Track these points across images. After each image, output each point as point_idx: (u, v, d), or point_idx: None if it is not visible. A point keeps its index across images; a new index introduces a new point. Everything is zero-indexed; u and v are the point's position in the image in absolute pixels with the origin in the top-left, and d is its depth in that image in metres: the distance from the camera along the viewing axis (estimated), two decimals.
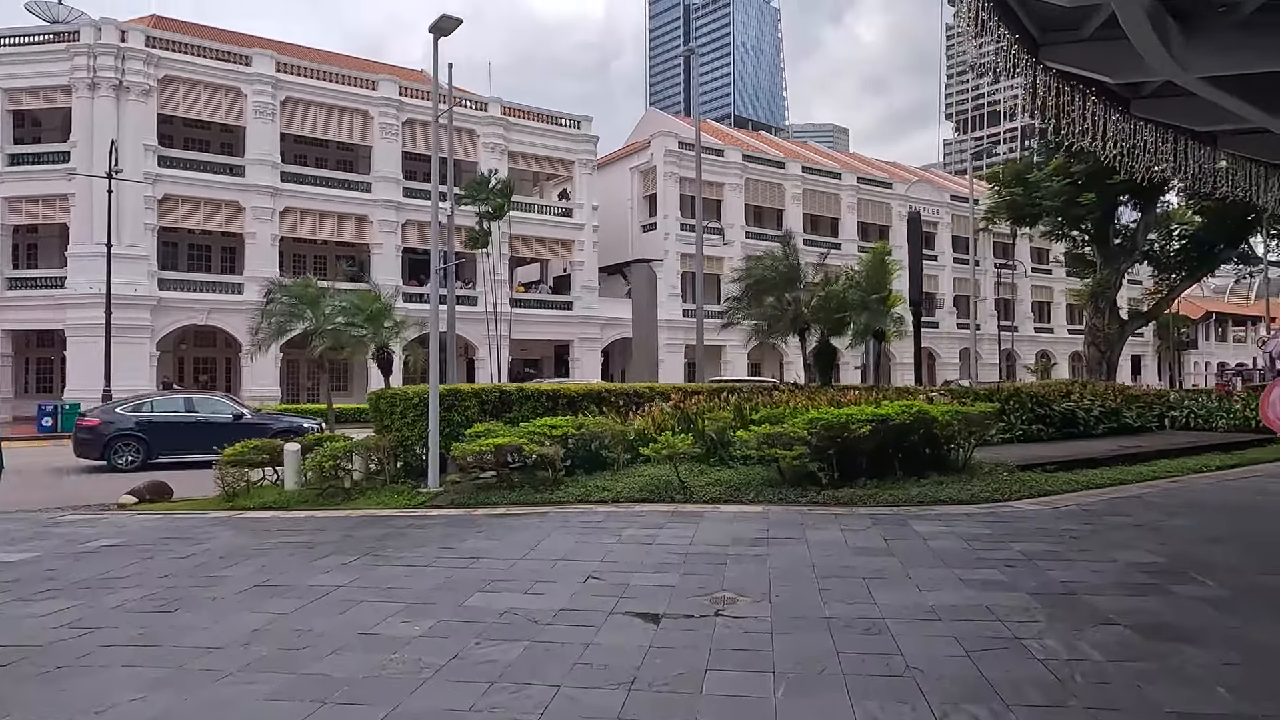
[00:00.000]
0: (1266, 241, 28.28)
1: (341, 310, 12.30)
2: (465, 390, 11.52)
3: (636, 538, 7.62)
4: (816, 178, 49.29)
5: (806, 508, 9.08)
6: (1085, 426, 15.97)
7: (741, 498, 9.53)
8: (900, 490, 9.70)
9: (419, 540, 7.77)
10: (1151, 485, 10.89)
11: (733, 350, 43.57)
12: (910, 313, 17.17)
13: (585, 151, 40.66)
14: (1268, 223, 20.35)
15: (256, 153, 32.41)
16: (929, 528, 7.89)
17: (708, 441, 10.99)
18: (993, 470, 11.06)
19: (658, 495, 9.71)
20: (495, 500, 9.87)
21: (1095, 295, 20.35)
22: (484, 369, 36.84)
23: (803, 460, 9.59)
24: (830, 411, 10.04)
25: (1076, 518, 8.48)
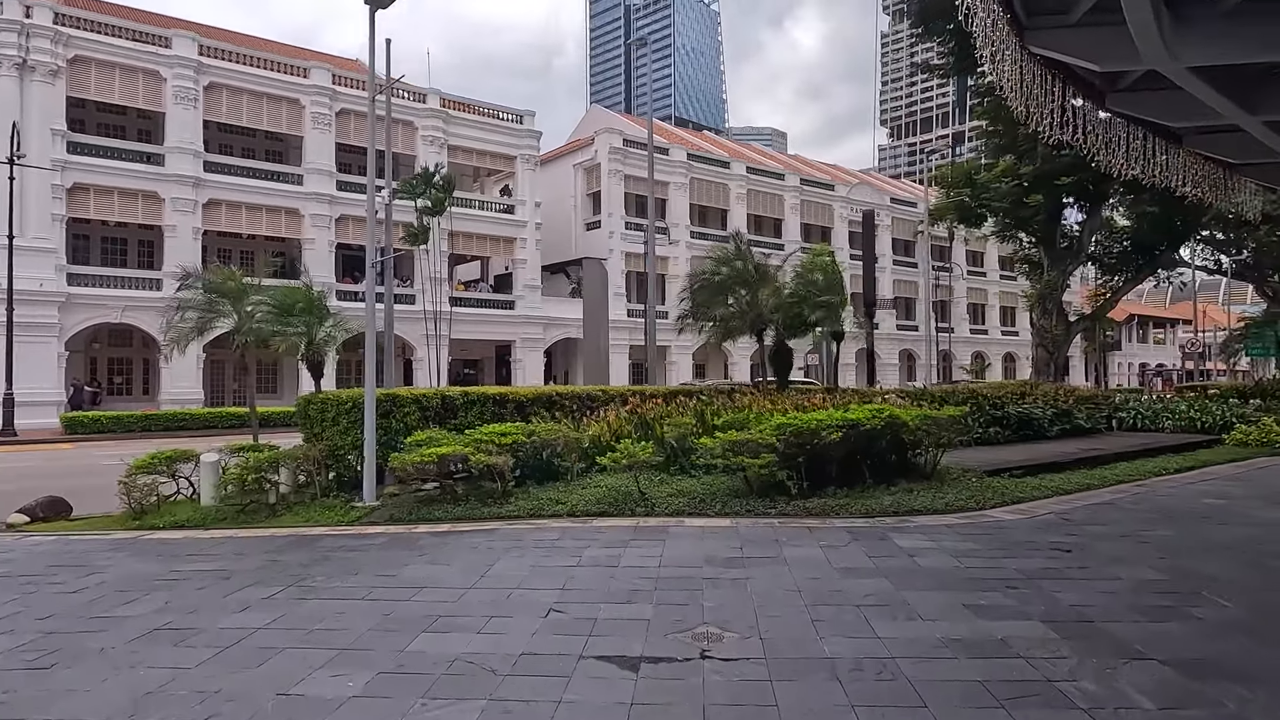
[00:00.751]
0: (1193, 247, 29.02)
1: (267, 306, 11.19)
2: (404, 395, 10.60)
3: (599, 559, 6.88)
4: (761, 178, 49.23)
5: (777, 520, 8.48)
6: (1040, 428, 15.85)
7: (707, 510, 8.88)
8: (872, 499, 9.20)
9: (352, 566, 6.88)
10: (1118, 490, 10.64)
11: (678, 351, 43.14)
12: (865, 313, 16.84)
13: (528, 147, 39.66)
14: (1209, 225, 20.75)
15: (177, 141, 30.51)
16: (912, 542, 7.36)
17: (668, 449, 10.32)
18: (961, 476, 10.69)
19: (617, 508, 8.99)
20: (438, 515, 9.00)
21: (1043, 297, 20.46)
22: (422, 370, 35.52)
23: (771, 469, 9.00)
24: (799, 417, 9.47)
25: (1059, 528, 8.07)
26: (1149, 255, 22.07)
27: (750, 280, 14.35)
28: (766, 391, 13.31)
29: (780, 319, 14.51)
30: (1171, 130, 9.93)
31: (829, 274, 14.93)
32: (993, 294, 63.94)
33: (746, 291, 14.32)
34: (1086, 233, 20.63)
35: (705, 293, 14.96)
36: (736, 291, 14.48)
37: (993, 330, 63.85)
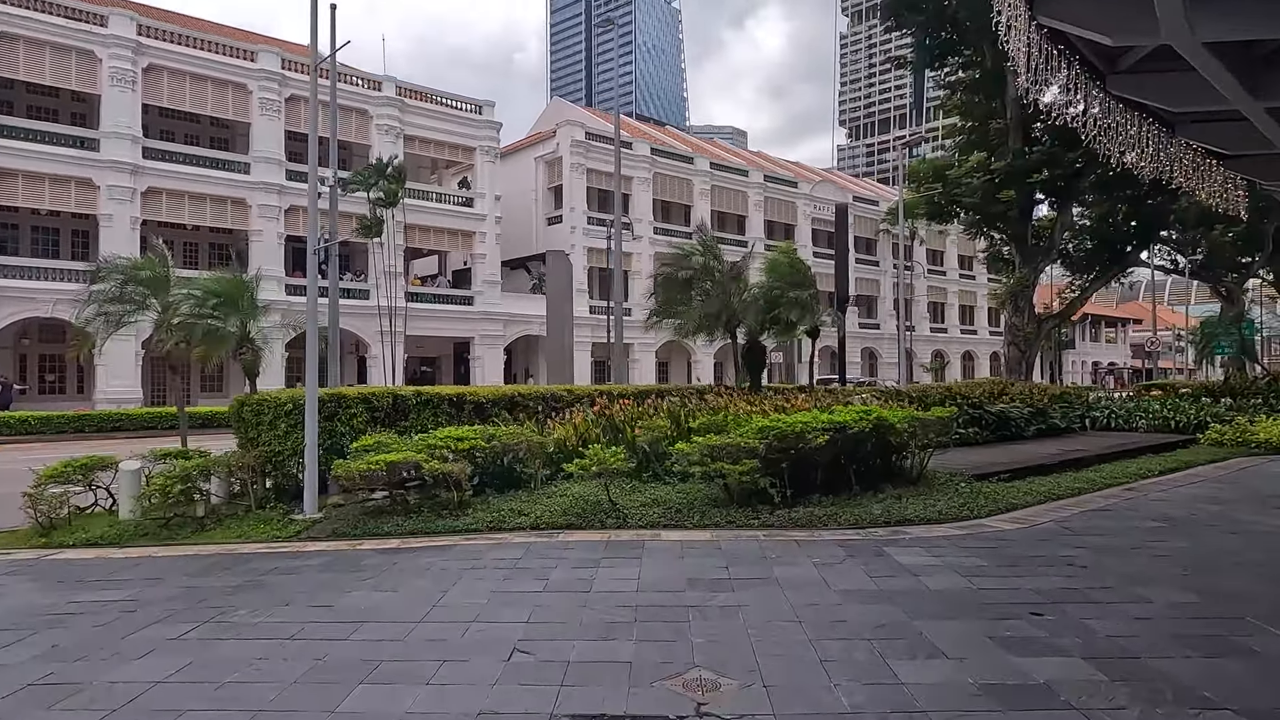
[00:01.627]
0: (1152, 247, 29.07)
1: (194, 297, 10.12)
2: (350, 395, 9.66)
3: (568, 582, 6.08)
4: (724, 174, 48.73)
5: (762, 533, 7.76)
6: (1018, 428, 15.44)
7: (685, 521, 8.13)
8: (860, 508, 8.54)
9: (284, 593, 5.99)
10: (1109, 495, 10.16)
11: (641, 350, 42.43)
12: (838, 310, 16.27)
13: (487, 138, 38.54)
14: (1172, 225, 20.69)
15: (113, 125, 28.85)
16: (913, 558, 6.69)
17: (640, 454, 9.55)
18: (948, 481, 10.11)
19: (586, 520, 8.20)
20: (387, 529, 8.12)
21: (1015, 294, 20.16)
22: (377, 368, 34.27)
23: (753, 476, 8.28)
24: (782, 419, 8.77)
25: (1064, 540, 7.49)
26: (1117, 254, 21.97)
27: (719, 275, 13.66)
28: (741, 392, 12.62)
29: (753, 316, 13.84)
30: (1165, 117, 9.48)
31: (799, 269, 14.30)
32: (952, 293, 64.39)
33: (716, 287, 13.61)
34: (1058, 229, 20.38)
35: (674, 289, 14.21)
36: (705, 287, 13.77)
37: (952, 329, 64.29)
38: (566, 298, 15.19)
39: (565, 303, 15.07)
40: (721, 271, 13.84)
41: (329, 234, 15.18)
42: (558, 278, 15.11)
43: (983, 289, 66.19)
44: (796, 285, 14.05)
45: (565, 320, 14.75)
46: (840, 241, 17.88)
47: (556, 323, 14.69)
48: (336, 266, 13.78)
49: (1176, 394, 19.50)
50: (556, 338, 14.66)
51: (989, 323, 67.06)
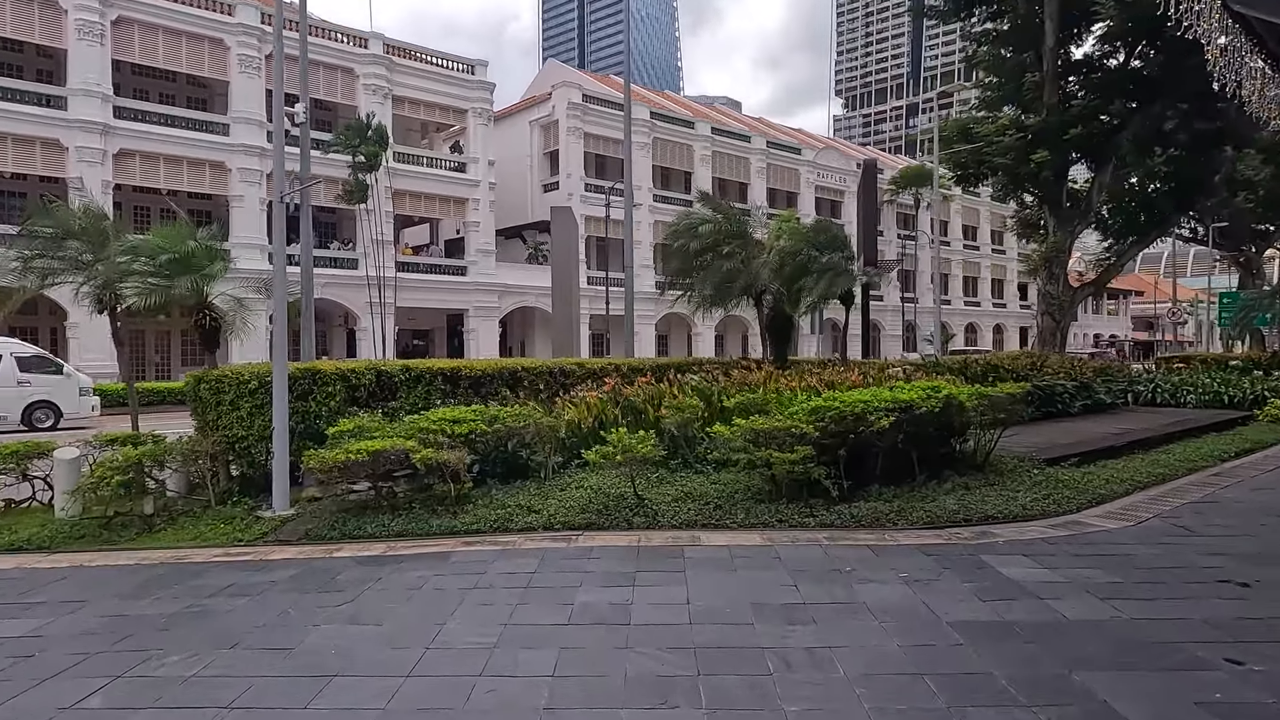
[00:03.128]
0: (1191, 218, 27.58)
1: (135, 251, 8.59)
2: (327, 371, 8.27)
3: (600, 609, 4.76)
4: (726, 140, 47.01)
5: (823, 535, 6.46)
6: (1063, 404, 14.18)
7: (727, 520, 6.82)
8: (930, 502, 7.25)
9: (233, 627, 4.65)
10: (1199, 483, 8.91)
11: (641, 322, 40.98)
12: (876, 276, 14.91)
13: (480, 100, 36.73)
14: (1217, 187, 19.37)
15: (81, 82, 27.02)
16: (1023, 571, 5.39)
17: (666, 439, 8.20)
18: (1016, 467, 8.84)
19: (608, 518, 6.87)
20: (371, 531, 6.78)
21: (1049, 260, 18.82)
22: (367, 341, 32.79)
23: (805, 465, 6.95)
24: (838, 398, 7.42)
25: (1189, 544, 6.20)
26: (1155, 217, 20.62)
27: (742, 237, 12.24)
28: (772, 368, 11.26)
29: (780, 282, 12.45)
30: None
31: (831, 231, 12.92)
32: (956, 263, 63.02)
33: (737, 252, 12.21)
34: (1095, 190, 18.99)
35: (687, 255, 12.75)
36: (723, 252, 12.35)
37: (956, 301, 63.00)
38: (572, 260, 13.72)
39: (572, 265, 13.61)
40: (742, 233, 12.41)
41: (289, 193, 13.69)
42: (563, 237, 13.62)
43: (986, 260, 65.00)
44: (831, 248, 12.65)
45: (572, 285, 13.32)
46: (869, 203, 16.45)
47: (563, 287, 13.26)
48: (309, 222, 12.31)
49: (1221, 367, 18.27)
50: (564, 305, 13.24)
51: (993, 294, 65.95)
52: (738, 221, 12.88)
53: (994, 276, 66.20)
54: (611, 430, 7.78)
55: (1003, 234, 65.19)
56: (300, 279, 12.04)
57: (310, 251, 12.28)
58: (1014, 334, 66.44)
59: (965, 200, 61.88)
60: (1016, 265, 65.71)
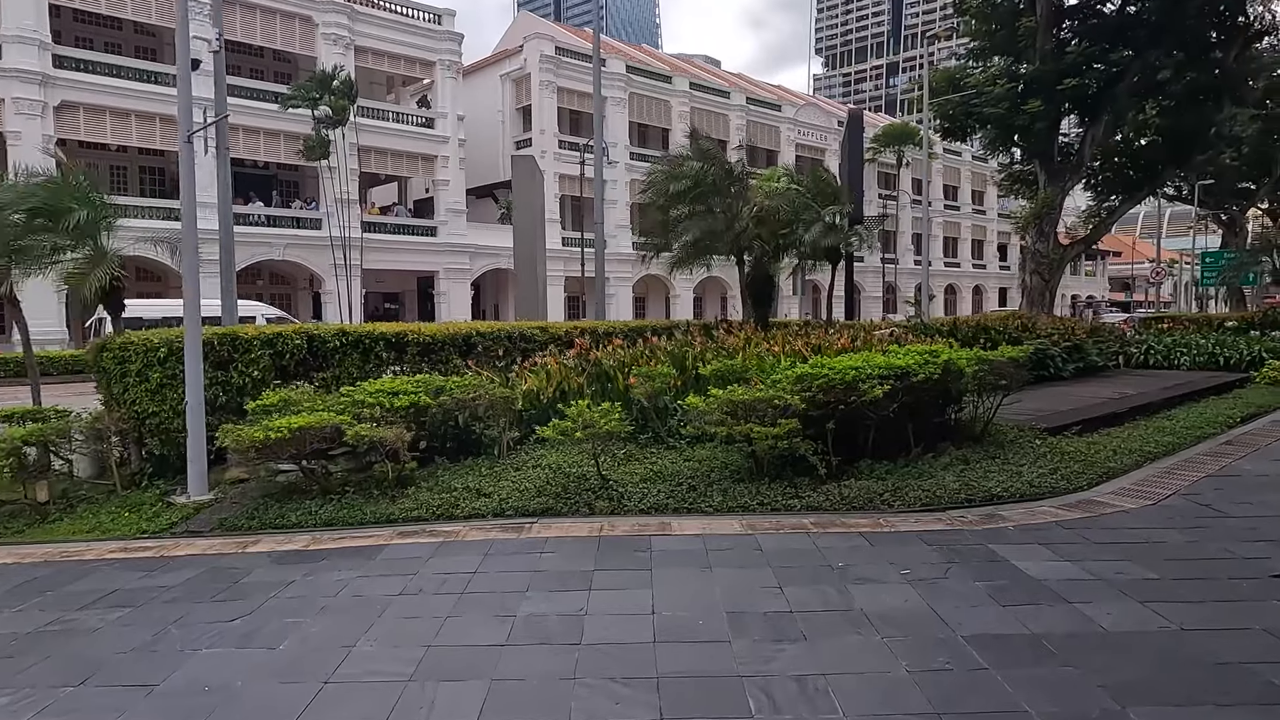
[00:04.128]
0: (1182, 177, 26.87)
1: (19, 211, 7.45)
2: (249, 336, 7.32)
3: (545, 623, 3.95)
4: (705, 95, 45.64)
5: (810, 520, 5.69)
6: (1055, 367, 13.51)
7: (702, 503, 6.03)
8: (928, 479, 6.51)
9: (97, 650, 3.80)
10: (1212, 453, 8.23)
11: (617, 283, 40.07)
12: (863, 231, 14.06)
13: (448, 52, 35.11)
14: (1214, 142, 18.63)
15: (15, 28, 25.26)
16: (1042, 566, 4.65)
17: (636, 411, 7.37)
18: (1016, 437, 8.13)
19: (568, 502, 6.06)
20: (296, 519, 5.94)
21: (1039, 217, 18.04)
22: (333, 304, 31.57)
23: (790, 440, 6.16)
24: (825, 363, 6.61)
25: (1221, 526, 5.50)
26: (1149, 172, 19.89)
27: (726, 185, 11.26)
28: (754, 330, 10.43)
29: (765, 236, 11.55)
30: None
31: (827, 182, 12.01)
32: (937, 224, 62.28)
33: (720, 201, 11.25)
34: (1088, 143, 18.18)
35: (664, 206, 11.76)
36: (710, 200, 11.38)
37: (936, 262, 62.36)
38: (536, 213, 12.68)
39: (536, 221, 12.58)
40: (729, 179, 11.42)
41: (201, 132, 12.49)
42: (526, 189, 12.54)
43: (967, 220, 64.34)
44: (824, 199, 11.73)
45: (536, 241, 12.31)
46: (855, 155, 15.55)
47: (526, 245, 12.25)
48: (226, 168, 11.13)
49: (1214, 327, 17.70)
50: (527, 263, 12.24)
51: (973, 255, 65.46)
52: (724, 165, 11.88)
53: (974, 237, 65.63)
54: (576, 401, 6.94)
55: (983, 194, 64.62)
56: (220, 234, 10.81)
57: (229, 203, 11.03)
58: (993, 295, 66.20)
59: (946, 160, 61.09)
60: (996, 225, 65.27)
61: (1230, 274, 24.50)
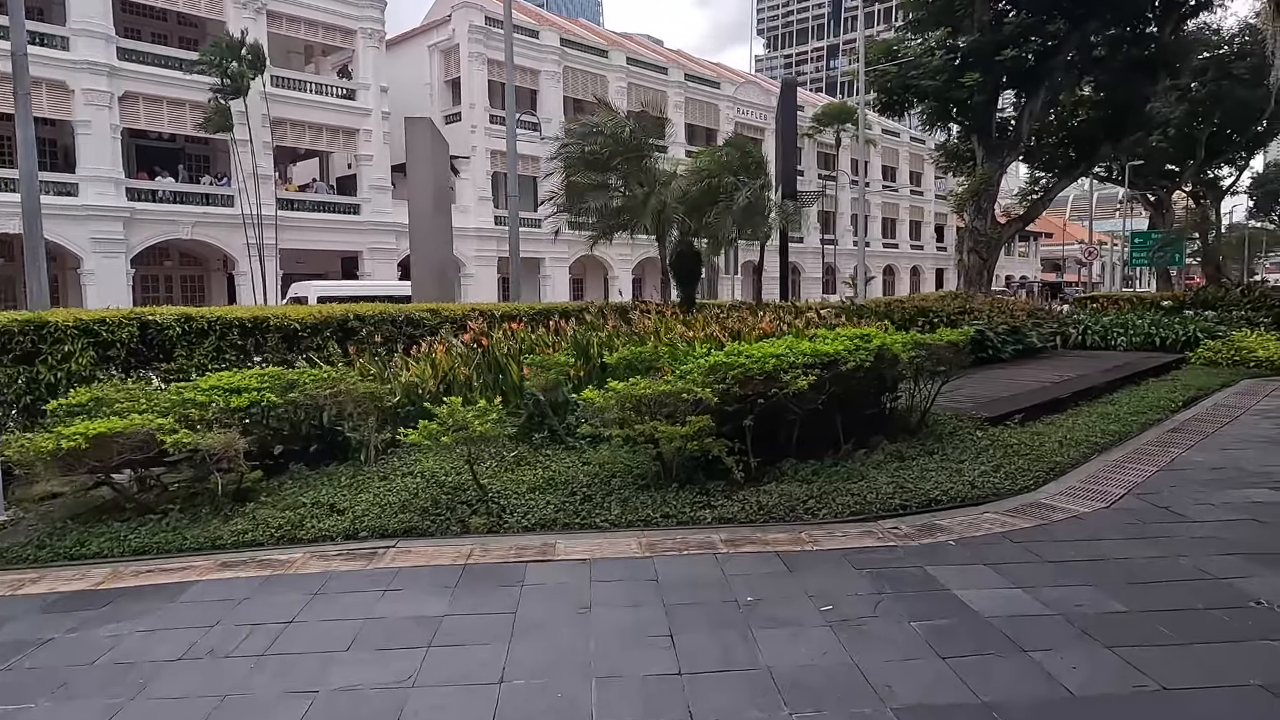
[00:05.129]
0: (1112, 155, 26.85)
1: None
2: (61, 323, 6.12)
3: (357, 701, 3.00)
4: (642, 71, 44.47)
5: (721, 536, 4.83)
6: (994, 349, 13.00)
7: (597, 516, 5.12)
8: (860, 481, 5.72)
9: None
10: (1159, 442, 7.68)
11: (553, 264, 38.92)
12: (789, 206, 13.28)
13: (370, 20, 33.19)
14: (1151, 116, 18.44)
15: None
16: (991, 596, 3.86)
17: (530, 406, 6.41)
18: (956, 429, 7.45)
19: (436, 519, 5.09)
20: (101, 546, 4.83)
21: (977, 193, 17.57)
22: (248, 286, 29.68)
23: (701, 440, 5.30)
24: (745, 351, 5.75)
25: (1185, 532, 4.83)
26: (1085, 149, 19.58)
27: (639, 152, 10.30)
28: (674, 311, 9.55)
29: (687, 210, 10.64)
30: None
31: (750, 155, 11.15)
32: (875, 205, 62.41)
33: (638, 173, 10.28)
34: (1026, 118, 17.75)
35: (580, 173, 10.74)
36: (624, 170, 10.40)
37: (875, 243, 62.58)
38: (441, 184, 11.44)
39: (438, 191, 11.33)
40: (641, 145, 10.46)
41: None
42: (423, 155, 11.30)
43: (905, 201, 64.65)
44: (746, 173, 10.88)
45: (438, 214, 11.12)
46: (788, 126, 14.74)
47: (423, 217, 11.04)
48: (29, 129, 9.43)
49: (1149, 307, 17.51)
50: (424, 238, 11.05)
51: (910, 236, 65.90)
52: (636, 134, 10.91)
53: (912, 218, 66.04)
54: (466, 394, 5.96)
55: (921, 174, 65.06)
56: (23, 202, 8.97)
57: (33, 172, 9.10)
58: (931, 276, 66.86)
59: (885, 141, 61.17)
60: (934, 206, 65.80)
61: (1159, 253, 24.57)
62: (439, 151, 12.11)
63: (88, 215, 26.06)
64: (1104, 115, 18.63)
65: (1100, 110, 18.79)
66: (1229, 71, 29.54)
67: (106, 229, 26.56)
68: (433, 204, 11.22)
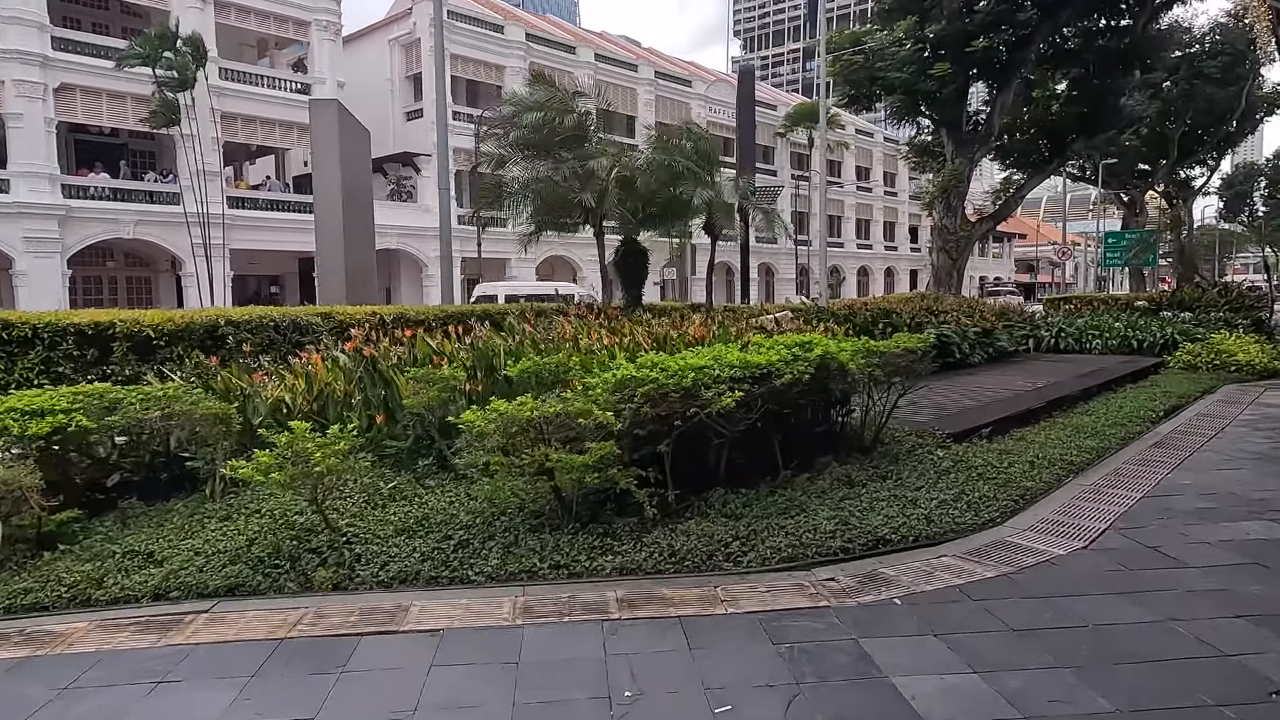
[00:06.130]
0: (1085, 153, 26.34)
1: None
2: None
3: None
4: (611, 68, 43.62)
5: (617, 595, 3.92)
6: (963, 354, 12.23)
7: (470, 568, 4.18)
8: (797, 515, 4.86)
9: None
10: (1141, 461, 6.89)
11: (520, 265, 37.92)
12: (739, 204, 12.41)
13: (325, 11, 32.03)
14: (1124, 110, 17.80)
15: None
16: (943, 688, 2.99)
17: (410, 428, 5.46)
18: (915, 447, 6.60)
19: (272, 571, 4.13)
20: None
21: (946, 190, 16.84)
22: (194, 288, 28.39)
23: (606, 470, 4.39)
24: (661, 364, 4.84)
25: (1172, 581, 4.00)
26: (1058, 144, 18.91)
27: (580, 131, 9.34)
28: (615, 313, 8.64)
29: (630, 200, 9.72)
30: None
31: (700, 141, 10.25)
32: (849, 205, 61.94)
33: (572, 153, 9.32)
34: (997, 110, 17.05)
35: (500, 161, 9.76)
36: (559, 154, 9.42)
37: (849, 244, 62.12)
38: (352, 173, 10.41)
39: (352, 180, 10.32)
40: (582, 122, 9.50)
41: None
42: (328, 140, 10.26)
43: (879, 202, 64.23)
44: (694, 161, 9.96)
45: (350, 207, 10.12)
46: (745, 116, 13.94)
47: (331, 209, 10.03)
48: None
49: (1124, 308, 16.88)
50: (332, 235, 10.04)
51: (885, 237, 65.51)
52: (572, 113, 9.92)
53: (886, 219, 65.67)
54: (344, 413, 5.00)
55: (895, 175, 64.70)
56: None
57: None
58: (904, 277, 66.57)
59: (859, 141, 60.76)
60: (908, 207, 65.46)
61: (1134, 254, 24.04)
62: (354, 139, 11.09)
63: (19, 213, 24.69)
64: (1077, 110, 17.97)
65: (1073, 105, 18.13)
66: (1200, 70, 29.24)
67: (39, 227, 25.20)
68: (343, 197, 10.22)
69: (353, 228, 10.39)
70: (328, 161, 10.33)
